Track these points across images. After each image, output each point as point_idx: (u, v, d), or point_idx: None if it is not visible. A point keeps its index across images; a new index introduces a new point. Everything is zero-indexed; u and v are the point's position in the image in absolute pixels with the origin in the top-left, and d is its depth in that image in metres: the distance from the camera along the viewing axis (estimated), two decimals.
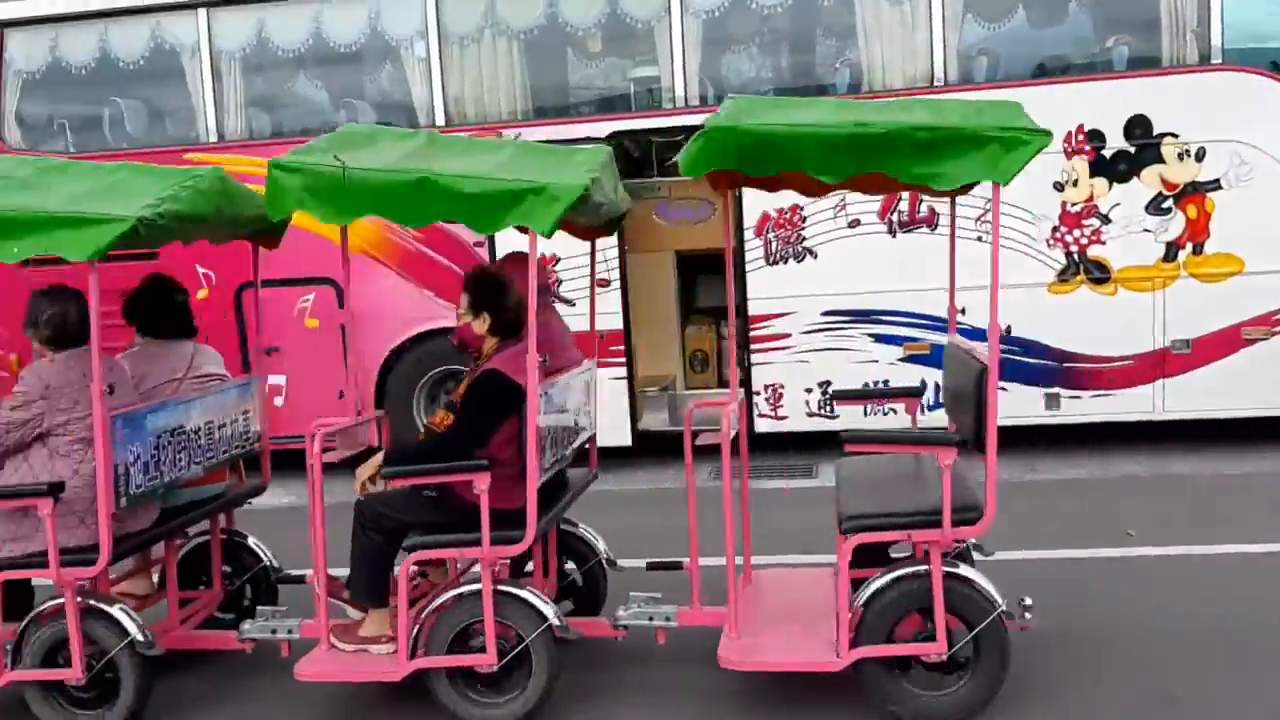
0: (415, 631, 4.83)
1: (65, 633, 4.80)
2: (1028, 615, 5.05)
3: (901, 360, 9.93)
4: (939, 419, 6.15)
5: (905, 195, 9.64)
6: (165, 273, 6.09)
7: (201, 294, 9.91)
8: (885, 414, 10.00)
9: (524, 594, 4.87)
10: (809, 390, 9.99)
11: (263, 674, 5.33)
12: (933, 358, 9.87)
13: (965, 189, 5.21)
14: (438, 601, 4.88)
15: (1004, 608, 4.75)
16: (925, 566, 4.72)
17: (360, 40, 10.19)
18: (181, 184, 4.89)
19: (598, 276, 9.84)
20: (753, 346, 10.00)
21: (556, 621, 4.84)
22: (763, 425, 10.03)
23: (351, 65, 10.38)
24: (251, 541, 6.10)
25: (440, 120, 10.03)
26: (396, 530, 4.90)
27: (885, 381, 9.98)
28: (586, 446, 6.00)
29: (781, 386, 10.00)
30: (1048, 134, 4.58)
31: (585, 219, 5.20)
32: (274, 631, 5.25)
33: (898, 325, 9.95)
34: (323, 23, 10.10)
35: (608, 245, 9.77)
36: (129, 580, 5.85)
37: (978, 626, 4.74)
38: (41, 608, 4.91)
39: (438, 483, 4.87)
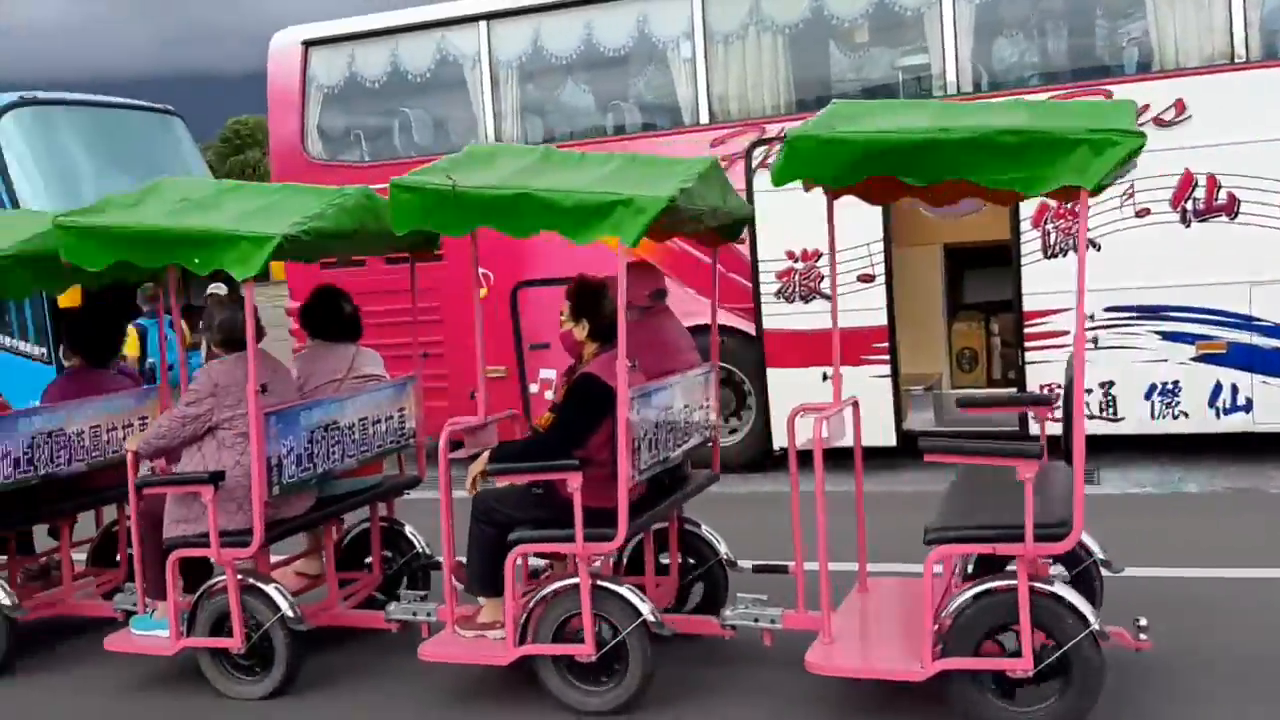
0: (524, 620, 5.22)
1: (228, 606, 5.53)
2: (1142, 635, 4.96)
3: (1194, 360, 9.37)
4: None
5: (1202, 181, 9.17)
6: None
7: (481, 293, 10.59)
8: (1177, 417, 9.54)
9: (621, 590, 5.14)
10: (1089, 391, 9.58)
11: (406, 653, 5.64)
12: (1229, 357, 9.31)
13: (1065, 193, 5.03)
14: (544, 593, 5.24)
15: (1096, 627, 4.58)
16: (1013, 581, 4.66)
17: (628, 44, 10.61)
18: (330, 202, 5.48)
19: (860, 272, 9.98)
20: (1027, 344, 9.70)
21: (652, 618, 5.07)
22: (1037, 428, 9.73)
23: (618, 69, 10.82)
24: (408, 530, 6.61)
25: (704, 119, 10.30)
26: (507, 524, 5.27)
27: (1175, 383, 9.51)
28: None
29: (1058, 387, 9.66)
30: (1140, 136, 4.42)
31: (689, 228, 5.42)
32: (415, 614, 5.78)
33: (1190, 322, 9.42)
34: (593, 29, 10.57)
35: (873, 240, 9.79)
36: (303, 560, 6.56)
37: (1066, 645, 4.63)
38: (210, 583, 5.65)
39: (540, 480, 5.24)
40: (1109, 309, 9.50)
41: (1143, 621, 5.04)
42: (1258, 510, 8.27)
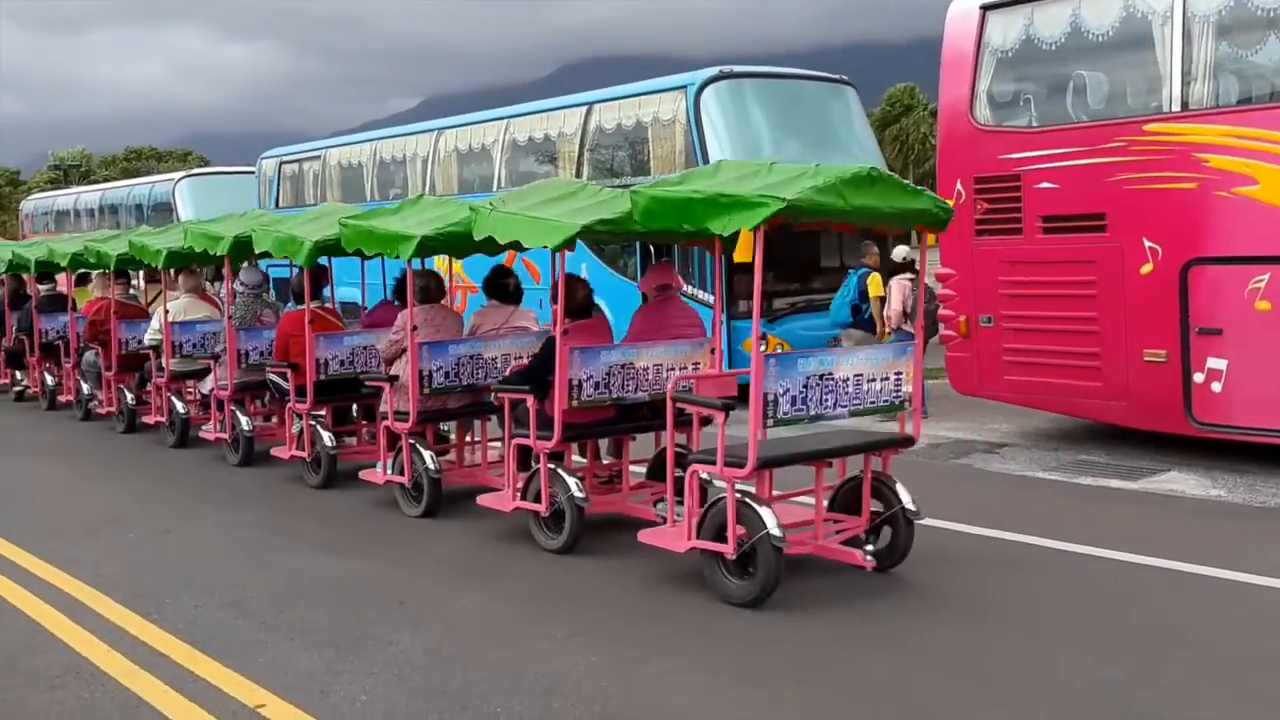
0: (523, 485, 8.22)
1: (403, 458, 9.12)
2: (868, 558, 7.00)
3: None
4: None
5: None
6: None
7: (1145, 269, 10.01)
8: None
9: (563, 474, 7.93)
10: None
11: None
12: None
13: None
14: (531, 471, 8.20)
15: (771, 532, 6.49)
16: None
17: None
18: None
19: None
20: None
21: (579, 494, 7.80)
22: None
23: None
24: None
25: None
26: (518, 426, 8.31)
27: None
28: None
29: None
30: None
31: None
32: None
33: None
34: None
35: None
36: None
37: (752, 540, 6.61)
38: (398, 445, 9.18)
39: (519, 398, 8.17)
40: None
41: (869, 547, 7.08)
42: None
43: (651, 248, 13.93)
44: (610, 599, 7.00)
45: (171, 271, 13.22)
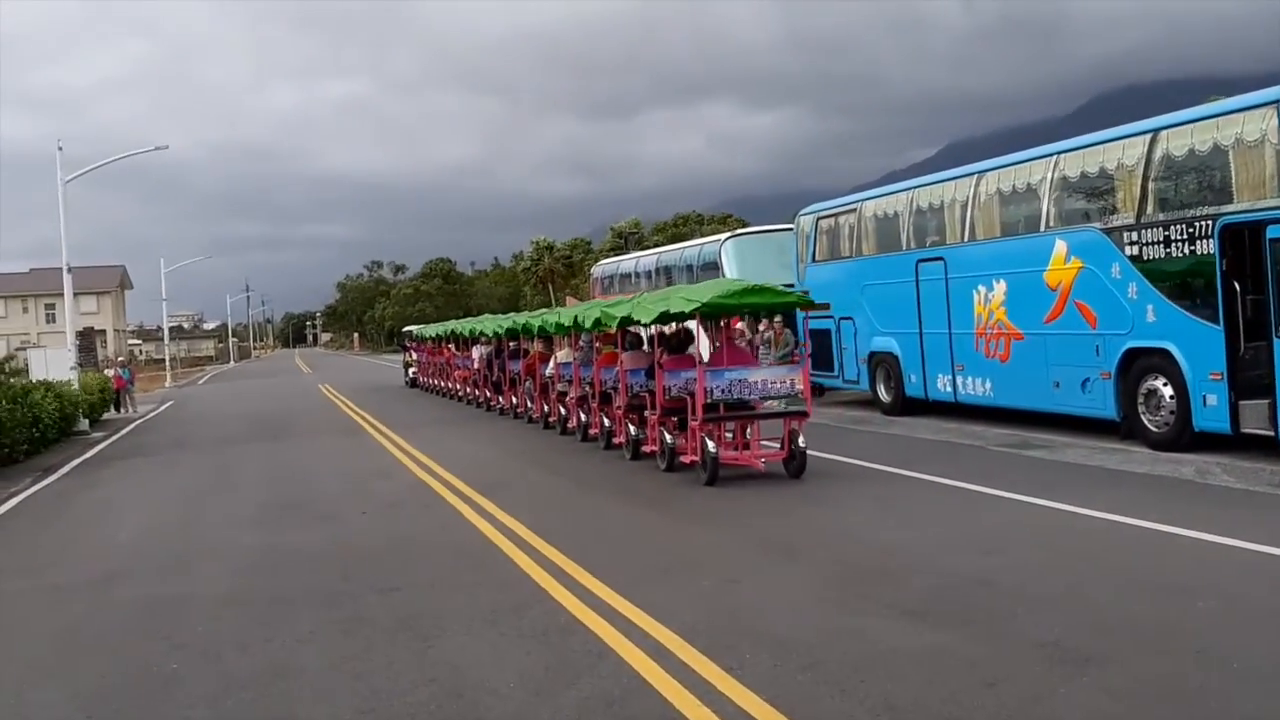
0: None
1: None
2: (762, 464, 13.59)
3: None
4: None
5: None
6: None
7: None
8: None
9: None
10: None
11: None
12: None
13: None
14: None
15: (709, 449, 12.99)
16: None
17: None
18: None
19: None
20: None
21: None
22: None
23: None
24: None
25: None
26: None
27: None
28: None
29: None
30: None
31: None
32: None
33: None
34: None
35: None
36: None
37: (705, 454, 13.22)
38: None
39: None
40: None
41: (763, 459, 13.60)
42: None
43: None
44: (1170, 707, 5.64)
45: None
